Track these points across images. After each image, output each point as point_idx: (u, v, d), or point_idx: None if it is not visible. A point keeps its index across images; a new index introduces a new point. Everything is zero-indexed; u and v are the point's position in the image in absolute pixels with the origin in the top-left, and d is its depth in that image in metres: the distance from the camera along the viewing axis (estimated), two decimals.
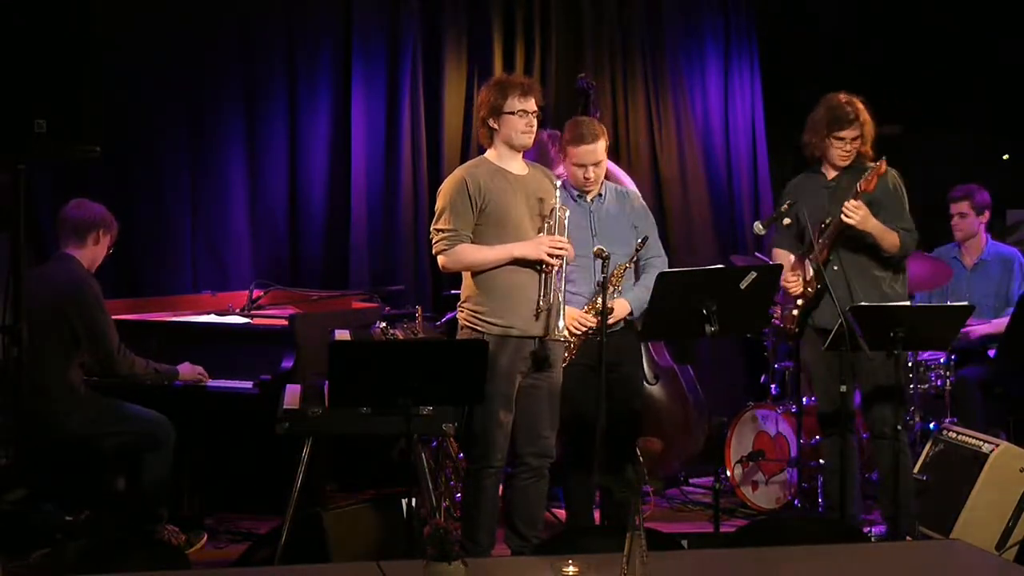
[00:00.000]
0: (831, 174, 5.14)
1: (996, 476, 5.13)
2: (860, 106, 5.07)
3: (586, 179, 4.97)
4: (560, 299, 4.56)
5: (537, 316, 4.58)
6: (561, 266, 4.56)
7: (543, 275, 4.57)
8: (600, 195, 5.05)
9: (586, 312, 4.85)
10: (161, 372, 5.16)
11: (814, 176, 5.18)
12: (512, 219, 4.60)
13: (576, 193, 5.02)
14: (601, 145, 4.97)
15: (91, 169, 5.80)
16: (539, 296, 4.57)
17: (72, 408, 5.01)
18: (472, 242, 4.59)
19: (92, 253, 5.15)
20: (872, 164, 4.99)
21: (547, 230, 4.60)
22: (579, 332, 4.84)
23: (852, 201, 4.88)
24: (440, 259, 4.62)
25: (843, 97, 5.08)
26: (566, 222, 4.63)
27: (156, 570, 3.20)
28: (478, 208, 4.57)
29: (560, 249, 4.54)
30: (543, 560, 3.10)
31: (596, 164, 4.96)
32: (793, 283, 5.09)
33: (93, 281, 5.10)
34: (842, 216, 4.88)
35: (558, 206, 4.61)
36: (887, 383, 5.00)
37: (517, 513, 4.71)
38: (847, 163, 5.08)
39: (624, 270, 4.90)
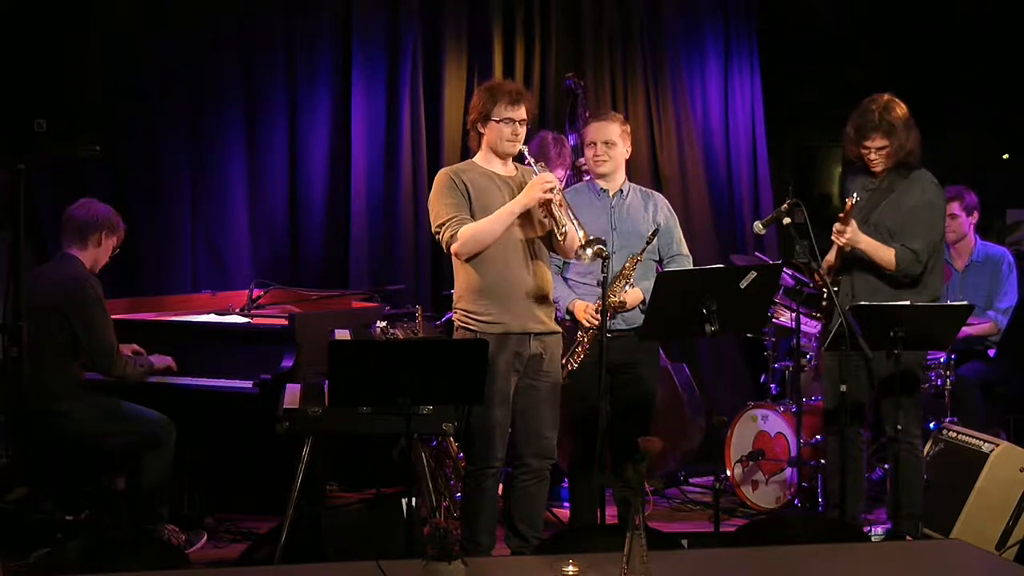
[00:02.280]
0: (878, 174, 5.07)
1: (996, 476, 5.14)
2: (897, 113, 4.93)
3: (595, 158, 5.03)
4: (577, 220, 4.49)
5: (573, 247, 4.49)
6: (561, 198, 4.50)
7: (548, 217, 4.54)
8: (621, 191, 5.07)
9: (597, 307, 4.82)
10: (145, 367, 5.19)
11: (865, 173, 5.11)
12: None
13: (599, 189, 5.06)
14: (613, 127, 5.03)
15: (91, 169, 5.80)
16: (557, 229, 4.49)
17: (72, 407, 5.01)
18: None
19: (94, 254, 5.15)
20: (919, 170, 5.00)
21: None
22: (591, 325, 4.84)
23: (837, 224, 4.90)
24: (453, 248, 4.54)
25: (875, 104, 4.96)
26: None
27: (156, 570, 3.20)
28: (467, 201, 4.56)
29: (550, 182, 4.49)
30: (543, 560, 3.10)
31: (606, 144, 5.01)
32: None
33: (95, 281, 5.10)
34: (832, 238, 4.92)
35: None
36: (892, 383, 4.99)
37: (518, 514, 4.70)
38: (880, 169, 5.02)
39: (636, 262, 4.88)
